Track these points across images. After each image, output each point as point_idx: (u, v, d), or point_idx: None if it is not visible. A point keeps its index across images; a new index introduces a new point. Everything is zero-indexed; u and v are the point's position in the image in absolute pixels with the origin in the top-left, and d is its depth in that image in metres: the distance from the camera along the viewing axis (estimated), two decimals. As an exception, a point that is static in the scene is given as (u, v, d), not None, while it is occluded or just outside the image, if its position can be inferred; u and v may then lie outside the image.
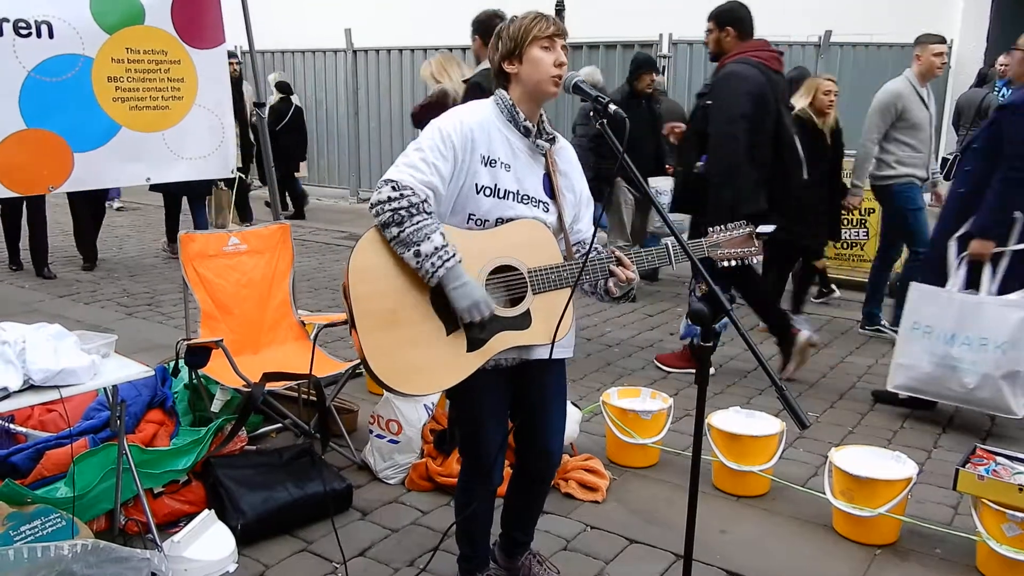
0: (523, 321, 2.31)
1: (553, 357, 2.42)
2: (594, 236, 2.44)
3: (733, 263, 2.47)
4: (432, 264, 2.15)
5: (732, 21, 4.61)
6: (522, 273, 2.30)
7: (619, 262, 2.33)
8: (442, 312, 2.24)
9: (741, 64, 4.48)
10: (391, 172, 2.22)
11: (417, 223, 2.16)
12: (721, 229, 2.47)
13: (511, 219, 2.32)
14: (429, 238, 2.15)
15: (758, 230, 2.50)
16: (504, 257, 2.30)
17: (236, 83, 8.55)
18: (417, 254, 2.15)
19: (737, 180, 4.40)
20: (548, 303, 2.32)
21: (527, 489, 2.71)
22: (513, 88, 2.35)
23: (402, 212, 2.15)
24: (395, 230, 2.16)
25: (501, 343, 2.30)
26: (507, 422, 2.58)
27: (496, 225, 2.32)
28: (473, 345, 2.27)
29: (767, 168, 4.46)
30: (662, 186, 6.90)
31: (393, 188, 2.17)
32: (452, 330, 2.25)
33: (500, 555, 2.87)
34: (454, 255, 2.18)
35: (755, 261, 2.51)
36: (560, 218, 2.41)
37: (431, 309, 2.24)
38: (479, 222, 2.31)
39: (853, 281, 7.09)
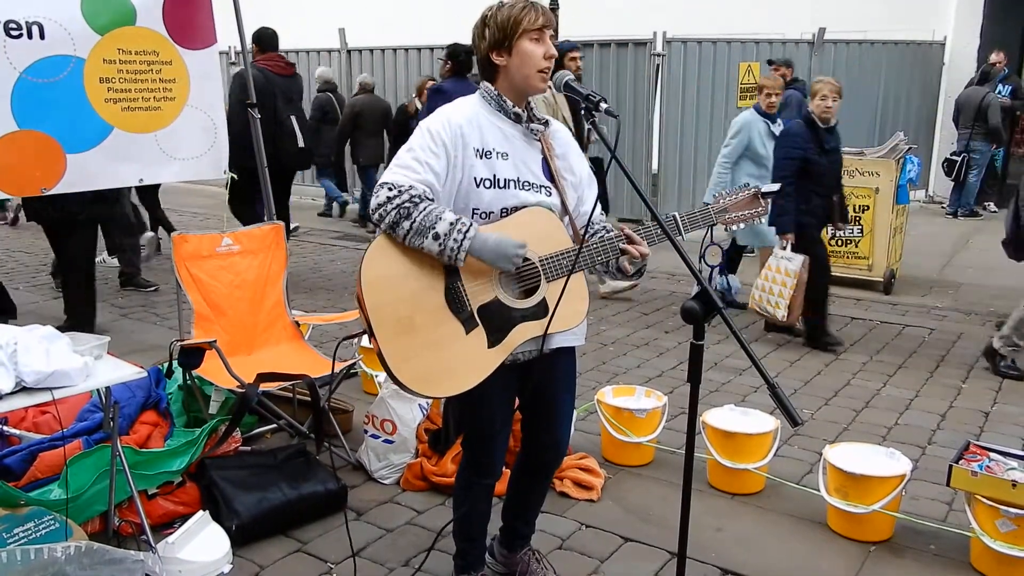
0: (540, 311, 2.31)
1: (566, 345, 2.45)
2: (592, 214, 2.40)
3: (743, 225, 2.48)
4: (454, 240, 2.15)
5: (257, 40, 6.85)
6: (534, 263, 2.30)
7: (629, 240, 2.32)
8: (459, 312, 2.24)
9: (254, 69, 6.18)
10: (385, 176, 2.22)
11: (424, 209, 2.16)
12: (726, 194, 2.48)
13: (514, 208, 2.32)
14: (441, 218, 2.15)
15: (763, 189, 2.51)
16: None
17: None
18: (436, 236, 2.15)
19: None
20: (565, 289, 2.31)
21: (532, 479, 2.72)
22: (500, 80, 2.34)
23: (407, 205, 2.15)
24: (406, 224, 2.15)
25: (521, 335, 2.30)
26: (513, 417, 2.59)
27: (501, 216, 2.31)
28: (494, 341, 2.27)
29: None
30: None
31: (389, 189, 2.18)
32: (471, 328, 2.25)
33: (500, 549, 2.87)
34: (470, 224, 2.18)
35: (762, 220, 2.52)
36: (563, 201, 2.41)
37: (448, 311, 2.24)
38: (483, 215, 2.30)
39: (847, 279, 7.10)
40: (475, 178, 2.28)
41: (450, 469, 3.46)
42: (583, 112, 2.24)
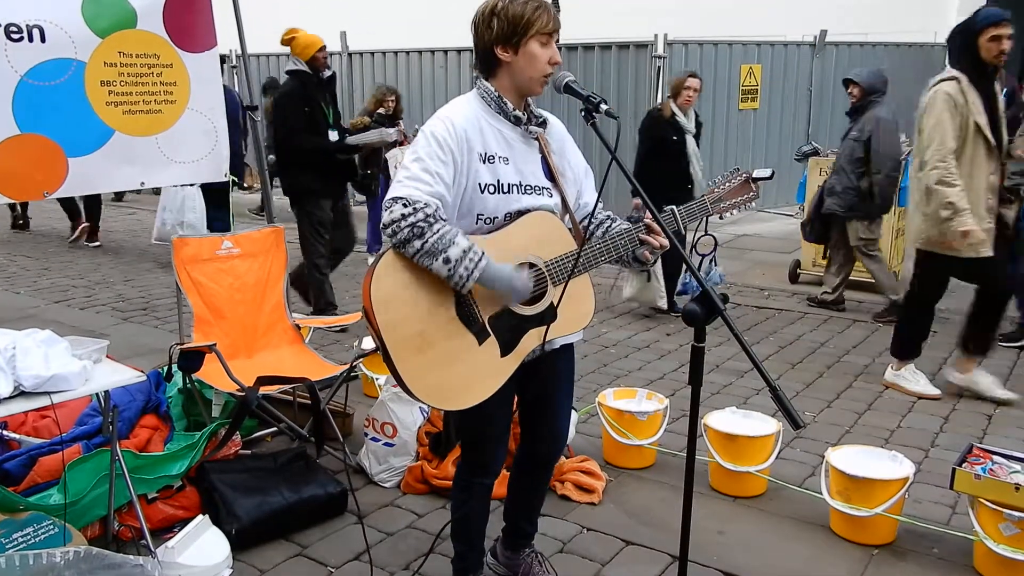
0: (549, 315, 2.31)
1: (567, 342, 2.46)
2: (595, 207, 2.40)
3: (736, 212, 2.48)
4: (465, 268, 2.13)
5: None
6: (540, 268, 2.29)
7: (649, 230, 2.31)
8: (470, 324, 2.24)
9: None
10: (396, 189, 2.18)
11: (437, 231, 2.13)
12: (719, 181, 2.46)
13: (518, 211, 2.31)
14: (454, 242, 2.13)
15: (754, 175, 2.50)
16: (520, 256, 2.29)
17: None
18: (447, 261, 2.12)
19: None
20: (570, 291, 2.31)
21: (533, 474, 2.72)
22: (501, 77, 2.31)
23: (420, 224, 2.12)
24: (417, 243, 2.12)
25: (533, 341, 2.30)
26: (512, 417, 2.59)
27: (505, 220, 2.31)
28: (507, 349, 2.27)
29: None
30: None
31: (404, 205, 2.13)
32: (484, 339, 2.25)
33: (503, 550, 2.87)
34: (482, 253, 2.17)
35: (753, 206, 2.51)
36: (564, 199, 2.41)
37: (459, 323, 2.23)
38: (488, 220, 2.30)
39: (852, 280, 7.08)
40: (480, 184, 2.27)
41: (451, 472, 3.45)
42: (583, 114, 2.22)
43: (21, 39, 3.66)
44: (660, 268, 6.01)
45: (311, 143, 5.48)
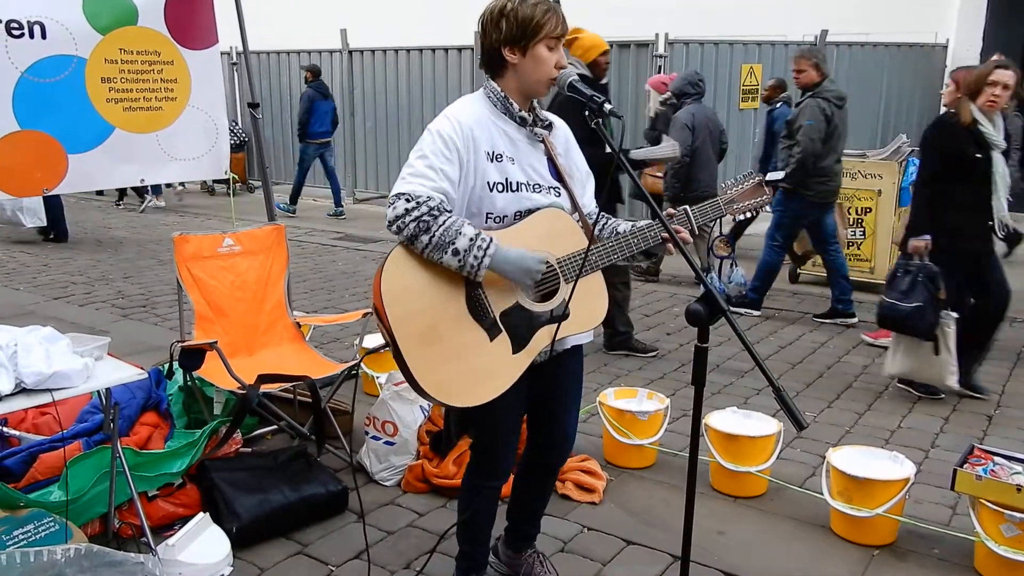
0: (561, 312, 2.30)
1: (576, 343, 2.46)
2: (599, 212, 2.39)
3: (749, 214, 2.48)
4: (475, 257, 2.12)
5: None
6: (553, 265, 2.28)
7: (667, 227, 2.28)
8: (481, 320, 2.22)
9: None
10: (400, 186, 2.17)
11: (443, 223, 2.12)
12: (733, 183, 2.46)
13: (529, 210, 2.31)
14: (461, 232, 2.12)
15: (767, 178, 2.50)
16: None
17: None
18: (456, 252, 2.12)
19: None
20: (582, 289, 2.29)
21: (540, 477, 2.71)
22: (507, 78, 2.31)
23: (426, 219, 2.11)
24: (425, 238, 2.12)
25: (545, 338, 2.29)
26: (522, 419, 2.58)
27: (515, 219, 2.30)
28: (518, 346, 2.26)
29: None
30: None
31: (407, 200, 2.13)
32: (495, 335, 2.23)
33: (505, 551, 2.87)
34: (490, 239, 2.15)
35: (767, 209, 2.51)
36: (572, 199, 2.41)
37: (471, 319, 2.22)
38: (498, 219, 2.29)
39: (853, 281, 7.08)
40: (488, 182, 2.27)
41: (451, 471, 3.45)
42: (587, 114, 2.22)
43: (22, 35, 3.66)
44: (952, 334, 4.42)
45: (597, 157, 5.10)
